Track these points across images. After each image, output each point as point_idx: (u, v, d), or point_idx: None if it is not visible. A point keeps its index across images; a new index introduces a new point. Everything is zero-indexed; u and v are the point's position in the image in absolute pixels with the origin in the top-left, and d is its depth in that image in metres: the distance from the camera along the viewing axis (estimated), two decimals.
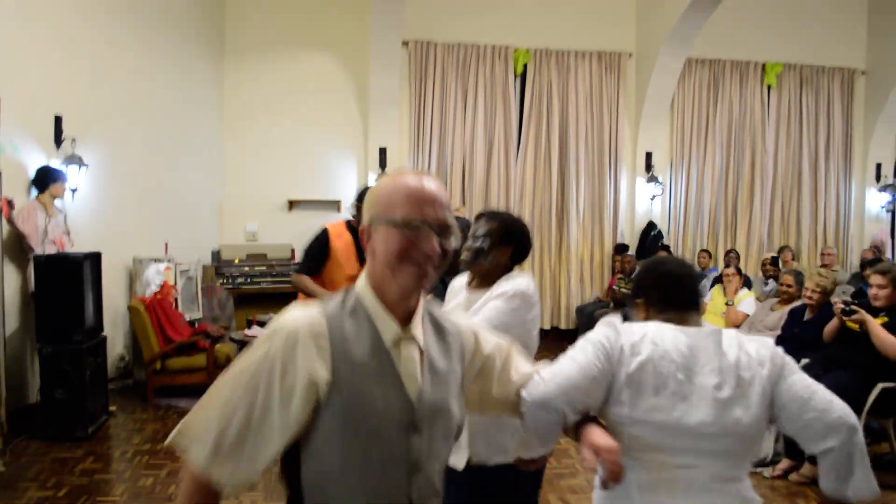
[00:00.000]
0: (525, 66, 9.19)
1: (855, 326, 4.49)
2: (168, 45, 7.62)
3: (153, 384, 6.27)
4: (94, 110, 6.51)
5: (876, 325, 4.34)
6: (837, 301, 4.70)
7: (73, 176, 6.21)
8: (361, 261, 3.89)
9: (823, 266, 8.35)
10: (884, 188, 10.11)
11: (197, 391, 6.38)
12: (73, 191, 6.26)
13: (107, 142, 6.70)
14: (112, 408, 5.85)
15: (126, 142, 7.00)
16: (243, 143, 8.79)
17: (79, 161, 6.20)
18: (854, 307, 4.46)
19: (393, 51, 8.52)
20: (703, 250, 9.26)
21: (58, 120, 6.05)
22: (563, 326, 9.24)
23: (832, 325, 4.68)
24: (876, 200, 10.21)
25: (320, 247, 3.87)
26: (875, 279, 4.55)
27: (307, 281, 3.80)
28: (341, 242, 3.88)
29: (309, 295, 3.75)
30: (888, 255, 9.55)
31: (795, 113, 9.81)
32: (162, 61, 7.54)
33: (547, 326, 9.18)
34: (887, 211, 10.23)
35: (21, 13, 5.58)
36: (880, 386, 4.27)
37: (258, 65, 8.82)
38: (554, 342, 8.84)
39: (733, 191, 9.74)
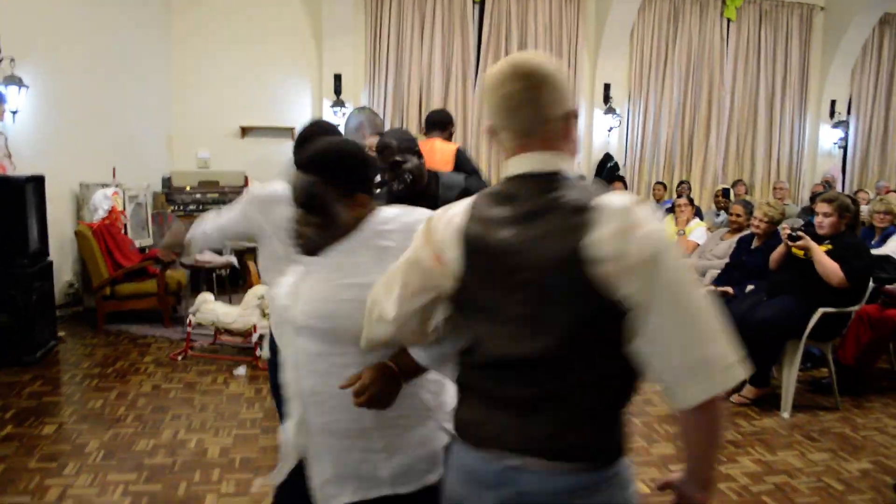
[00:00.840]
0: None
1: (800, 253, 4.58)
2: None
3: (102, 310, 6.18)
4: (35, 30, 6.22)
5: (819, 251, 4.43)
6: (785, 227, 4.79)
7: (14, 97, 5.97)
8: None
9: (779, 200, 8.51)
10: (837, 124, 10.27)
11: (147, 317, 6.35)
12: (14, 112, 6.02)
13: (50, 63, 6.43)
14: (61, 334, 5.76)
15: (70, 64, 6.72)
16: (194, 68, 8.51)
17: (19, 82, 5.95)
18: (799, 233, 4.55)
19: None
20: (658, 182, 9.35)
21: None
22: None
23: (778, 251, 4.77)
24: (829, 137, 10.38)
25: None
26: (821, 207, 4.63)
27: None
28: None
29: None
30: (838, 190, 9.76)
31: (754, 48, 9.84)
32: None
33: None
34: (839, 147, 10.41)
35: None
36: (821, 311, 4.39)
37: None
38: None
39: (690, 124, 9.79)
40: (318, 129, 2.60)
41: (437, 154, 4.11)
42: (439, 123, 4.48)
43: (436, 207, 1.58)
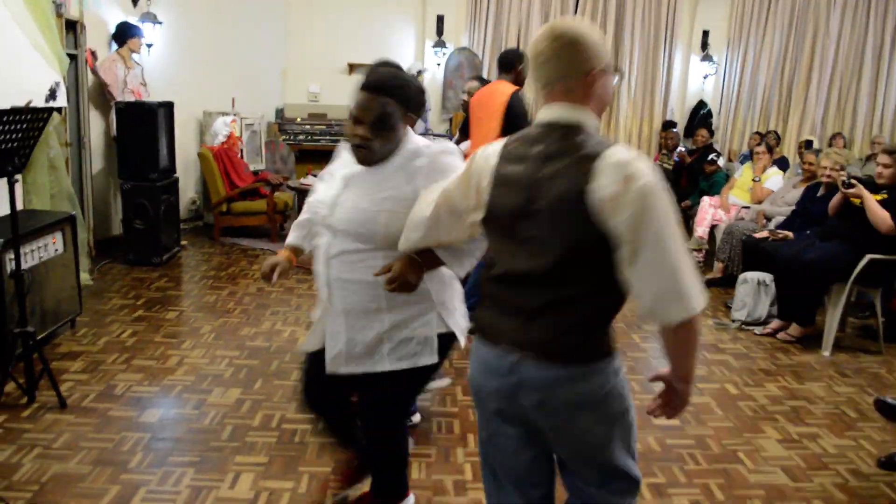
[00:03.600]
0: None
1: (857, 202, 4.76)
2: None
3: (219, 224, 7.04)
4: None
5: (871, 198, 4.61)
6: (843, 173, 4.95)
7: (149, 32, 6.76)
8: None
9: (873, 155, 8.38)
10: None
11: (257, 232, 7.16)
12: (149, 46, 6.83)
13: (178, 3, 7.19)
14: (183, 242, 6.64)
15: (198, 3, 7.47)
16: (306, 7, 9.12)
17: (153, 18, 6.73)
18: (853, 181, 4.73)
19: None
20: (755, 133, 9.31)
21: None
22: None
23: (836, 199, 4.95)
24: None
25: None
26: (882, 158, 4.78)
27: None
28: None
29: None
30: None
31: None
32: None
33: None
34: None
35: None
36: (868, 257, 4.60)
37: None
38: None
39: (790, 74, 9.63)
40: (386, 64, 3.08)
41: (496, 97, 4.34)
42: (505, 64, 4.56)
43: None
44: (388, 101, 2.07)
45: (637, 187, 1.47)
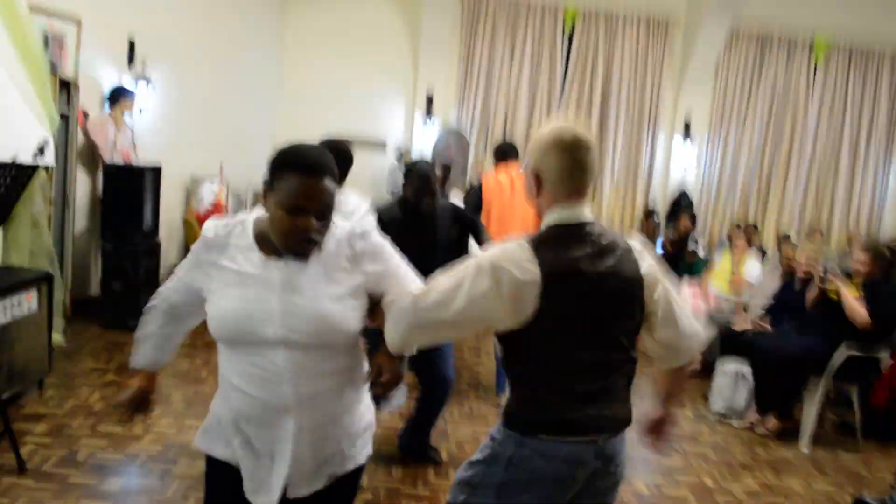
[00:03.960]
0: (573, 26, 9.44)
1: (833, 296, 4.83)
2: None
3: None
4: (163, 36, 7.07)
5: (847, 294, 4.67)
6: (819, 267, 5.02)
7: (142, 94, 6.84)
8: None
9: (850, 249, 8.53)
10: None
11: None
12: (141, 111, 6.89)
13: (173, 66, 7.28)
14: None
15: (191, 68, 7.58)
16: (299, 80, 9.31)
17: (147, 80, 6.82)
18: (829, 276, 4.80)
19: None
20: (735, 224, 9.42)
21: (131, 44, 6.64)
22: None
23: (814, 292, 5.01)
24: None
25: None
26: (857, 255, 4.88)
27: None
28: None
29: None
30: None
31: (841, 93, 9.80)
32: None
33: None
34: None
35: None
36: (846, 353, 4.62)
37: (317, 5, 9.31)
38: None
39: (769, 164, 9.87)
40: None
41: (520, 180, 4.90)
42: (515, 152, 5.51)
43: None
44: (330, 180, 1.72)
45: (653, 264, 1.92)
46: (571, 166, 1.83)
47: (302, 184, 1.67)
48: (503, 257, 1.76)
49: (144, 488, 3.37)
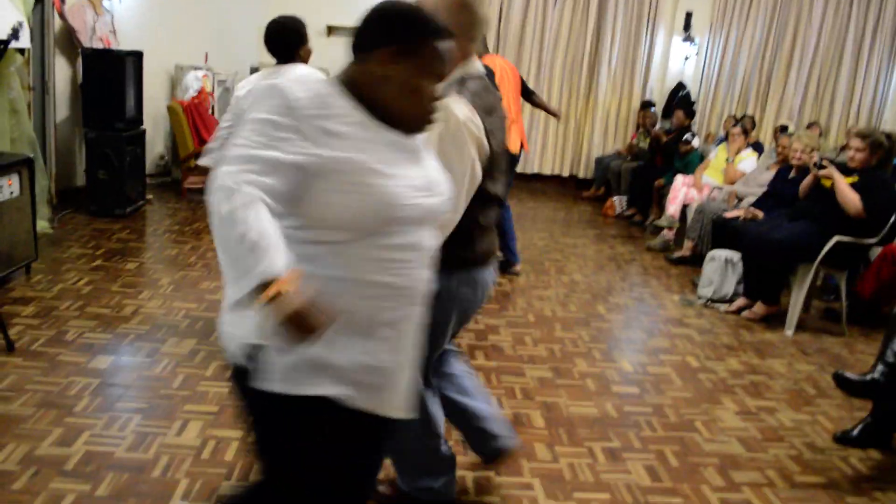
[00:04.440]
0: None
1: (827, 183, 4.76)
2: None
3: (187, 179, 6.89)
4: None
5: (841, 180, 4.61)
6: (815, 154, 4.95)
7: None
8: None
9: (846, 146, 8.43)
10: None
11: None
12: None
13: None
14: (149, 196, 6.49)
15: None
16: None
17: None
18: (824, 162, 4.73)
19: None
20: (731, 116, 9.32)
21: None
22: (580, 175, 9.54)
23: (807, 181, 4.95)
24: None
25: None
26: (854, 142, 4.77)
27: None
28: None
29: None
30: None
31: None
32: None
33: (566, 174, 9.53)
34: None
35: None
36: (835, 238, 4.60)
37: None
38: (571, 189, 9.24)
39: (770, 61, 9.62)
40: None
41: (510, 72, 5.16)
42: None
43: None
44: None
45: None
46: (481, 20, 2.07)
47: (447, 50, 1.50)
48: (459, 112, 1.94)
49: (133, 365, 3.39)
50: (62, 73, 6.05)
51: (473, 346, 3.98)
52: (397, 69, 1.46)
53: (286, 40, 3.30)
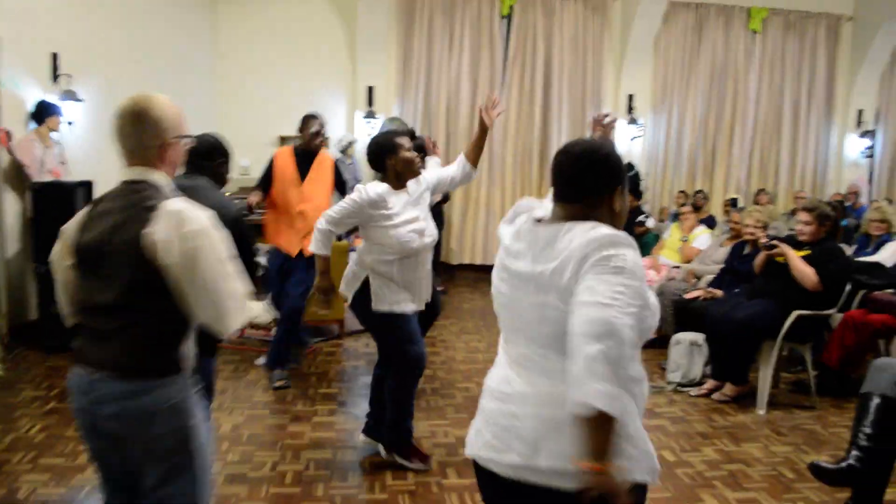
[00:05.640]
0: (511, 8, 9.38)
1: (781, 259, 4.84)
2: None
3: None
4: (89, 48, 6.84)
5: (795, 256, 4.69)
6: (762, 235, 5.04)
7: (70, 110, 6.59)
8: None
9: (796, 210, 8.65)
10: (864, 134, 10.31)
11: None
12: (70, 123, 6.65)
13: (102, 78, 7.05)
14: None
15: (120, 78, 7.33)
16: (236, 81, 9.12)
17: (73, 96, 6.58)
18: (773, 242, 4.81)
19: None
20: (680, 191, 9.56)
21: (54, 56, 6.39)
22: None
23: (760, 258, 5.03)
24: (855, 146, 10.42)
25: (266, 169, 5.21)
26: (801, 216, 4.89)
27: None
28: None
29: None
30: (864, 200, 9.80)
31: (779, 58, 9.96)
32: (157, 3, 7.85)
33: None
34: (866, 156, 10.44)
35: None
36: (795, 313, 4.64)
37: (250, 7, 9.12)
38: None
39: (713, 134, 9.98)
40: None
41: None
42: None
43: None
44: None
45: (187, 231, 1.85)
46: (113, 131, 2.05)
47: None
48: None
49: None
50: (11, 208, 5.99)
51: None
52: (624, 200, 1.81)
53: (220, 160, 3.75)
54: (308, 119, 5.20)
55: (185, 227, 1.86)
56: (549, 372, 1.69)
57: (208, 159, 3.30)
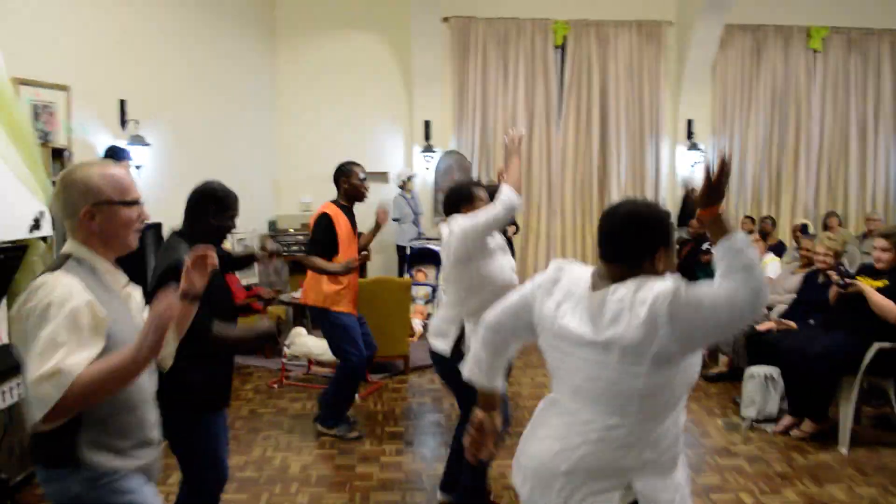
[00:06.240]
0: (565, 38, 9.38)
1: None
2: (223, 29, 8.18)
3: None
4: (155, 94, 7.08)
5: (873, 292, 4.48)
6: (833, 273, 4.82)
7: (138, 154, 6.82)
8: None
9: (869, 232, 8.36)
10: None
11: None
12: (138, 167, 6.87)
13: (167, 121, 7.28)
14: None
15: (186, 121, 7.58)
16: (296, 120, 9.32)
17: (142, 141, 6.80)
18: (848, 280, 4.62)
19: (434, 28, 8.88)
20: (746, 216, 9.32)
21: (122, 103, 6.64)
22: None
23: (834, 291, 4.83)
24: None
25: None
26: (878, 242, 4.70)
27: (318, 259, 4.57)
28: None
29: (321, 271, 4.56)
30: None
31: (843, 77, 9.69)
32: (217, 45, 8.09)
33: None
34: None
35: (88, 12, 6.15)
36: (876, 346, 4.45)
37: (307, 45, 9.35)
38: None
39: (777, 157, 9.73)
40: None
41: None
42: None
43: None
44: None
45: (25, 308, 1.74)
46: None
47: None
48: None
49: None
50: None
51: None
52: (669, 259, 1.84)
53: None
54: (353, 166, 4.84)
55: (27, 303, 1.76)
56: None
57: (197, 209, 3.20)
